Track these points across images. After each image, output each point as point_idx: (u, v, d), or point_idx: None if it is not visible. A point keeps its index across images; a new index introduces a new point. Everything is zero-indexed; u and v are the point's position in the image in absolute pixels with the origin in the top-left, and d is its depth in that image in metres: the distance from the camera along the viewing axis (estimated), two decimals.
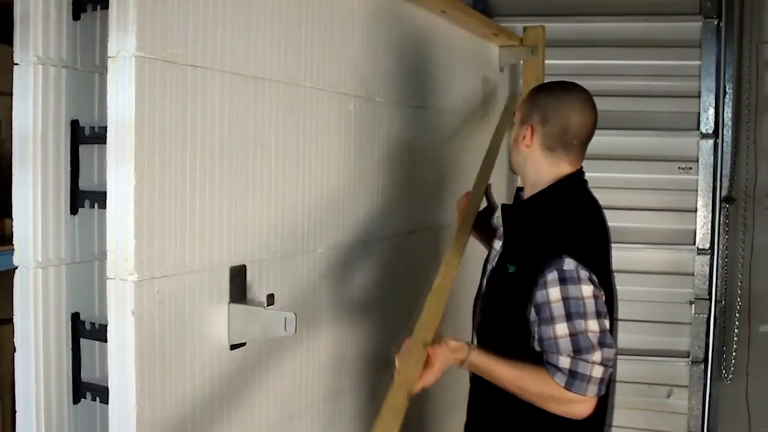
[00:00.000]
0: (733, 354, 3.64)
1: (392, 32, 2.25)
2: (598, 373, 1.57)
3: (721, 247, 3.65)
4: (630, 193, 3.71)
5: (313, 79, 1.86)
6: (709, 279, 3.64)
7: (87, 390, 1.59)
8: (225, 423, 1.62)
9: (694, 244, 3.67)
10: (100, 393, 1.56)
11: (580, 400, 1.58)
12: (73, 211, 1.58)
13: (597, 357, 1.57)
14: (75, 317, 1.58)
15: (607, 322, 1.62)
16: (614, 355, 1.61)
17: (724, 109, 3.63)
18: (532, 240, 1.70)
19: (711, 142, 3.63)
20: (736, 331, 3.64)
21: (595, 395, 1.58)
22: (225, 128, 1.58)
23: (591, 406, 1.60)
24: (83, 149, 1.59)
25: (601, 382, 1.58)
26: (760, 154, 3.63)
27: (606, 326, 1.61)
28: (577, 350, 1.57)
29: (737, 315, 3.64)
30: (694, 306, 3.65)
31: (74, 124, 1.57)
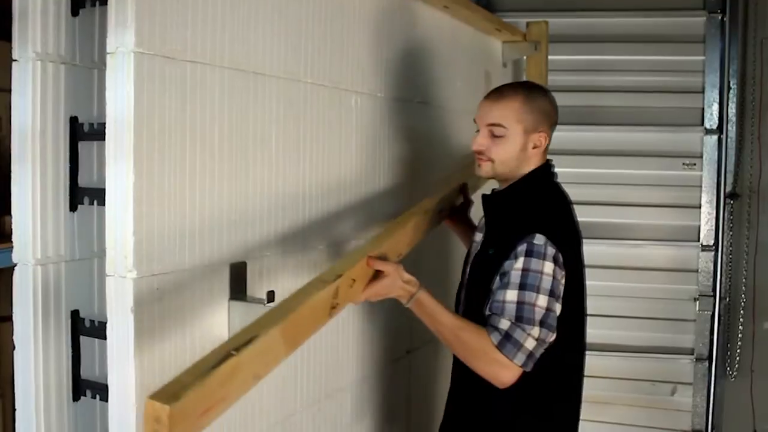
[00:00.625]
0: (738, 351, 3.63)
1: (394, 27, 2.24)
2: (530, 345, 1.62)
3: (725, 243, 3.63)
4: (634, 190, 3.69)
5: (313, 74, 1.85)
6: (714, 276, 3.61)
7: (87, 387, 1.59)
8: (225, 420, 1.61)
9: (698, 241, 3.64)
10: (100, 390, 1.56)
11: (507, 365, 1.62)
12: (73, 208, 1.58)
13: (535, 332, 1.63)
14: (74, 314, 1.58)
15: (557, 305, 1.67)
16: (551, 338, 1.66)
17: (728, 105, 3.61)
18: (510, 223, 1.76)
19: (715, 137, 3.60)
20: (741, 328, 3.63)
21: (521, 365, 1.63)
22: (225, 124, 1.57)
23: (515, 376, 1.63)
24: (82, 146, 1.58)
25: (530, 356, 1.63)
26: (765, 150, 3.61)
27: (555, 308, 1.66)
28: (519, 318, 1.63)
29: (741, 312, 3.63)
30: (698, 303, 3.63)
31: (73, 121, 1.56)
